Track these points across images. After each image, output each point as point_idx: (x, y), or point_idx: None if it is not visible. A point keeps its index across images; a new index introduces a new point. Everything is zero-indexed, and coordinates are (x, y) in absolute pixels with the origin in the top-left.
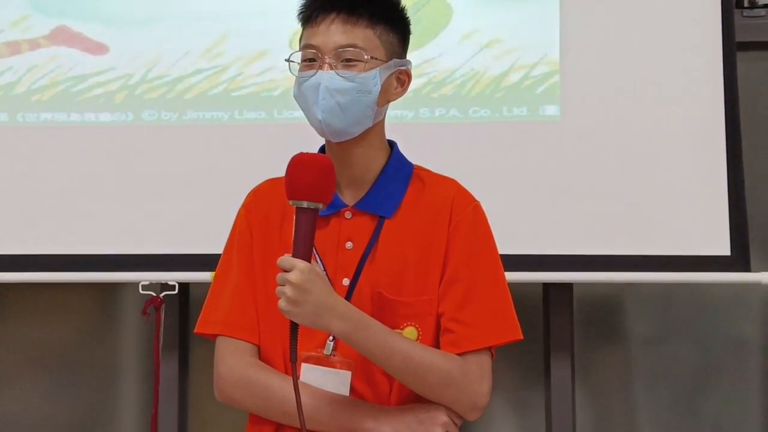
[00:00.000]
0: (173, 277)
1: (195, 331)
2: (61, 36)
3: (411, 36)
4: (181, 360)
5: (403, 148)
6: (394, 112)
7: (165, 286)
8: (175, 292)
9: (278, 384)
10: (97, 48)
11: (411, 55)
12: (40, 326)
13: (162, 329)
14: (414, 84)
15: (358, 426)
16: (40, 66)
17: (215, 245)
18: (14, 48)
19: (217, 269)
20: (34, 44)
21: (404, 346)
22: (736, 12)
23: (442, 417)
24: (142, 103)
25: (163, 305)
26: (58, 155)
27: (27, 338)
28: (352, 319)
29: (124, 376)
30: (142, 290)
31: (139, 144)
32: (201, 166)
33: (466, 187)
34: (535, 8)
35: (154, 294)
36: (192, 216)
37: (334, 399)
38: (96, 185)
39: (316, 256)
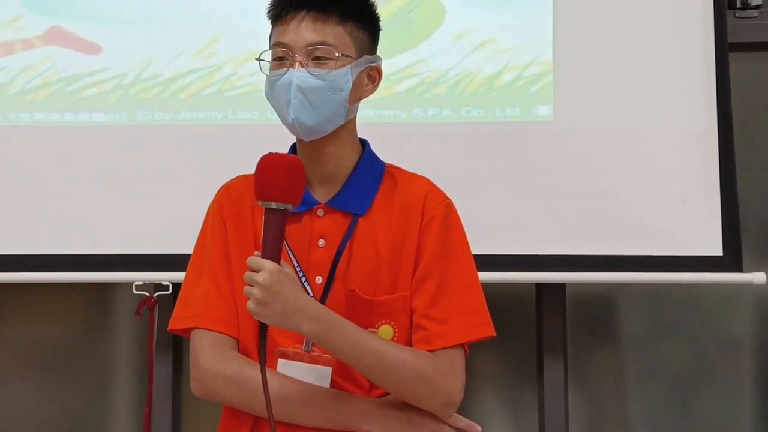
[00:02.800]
0: (167, 277)
1: (168, 328)
2: (55, 36)
3: (404, 37)
4: (174, 359)
5: (396, 148)
6: (387, 112)
7: (158, 286)
8: (169, 292)
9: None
10: (91, 48)
11: (404, 56)
12: (34, 326)
13: (155, 329)
14: (407, 84)
15: (348, 421)
16: (33, 66)
17: None
18: (7, 48)
19: (189, 266)
20: (27, 44)
21: (376, 344)
22: (729, 13)
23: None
24: (135, 103)
25: (157, 305)
26: (52, 155)
27: (21, 338)
28: (322, 320)
29: (118, 376)
30: (136, 290)
31: (132, 144)
32: (194, 166)
33: (457, 187)
34: (528, 8)
35: (148, 294)
36: (185, 216)
37: (325, 392)
38: (90, 185)
39: (290, 254)
